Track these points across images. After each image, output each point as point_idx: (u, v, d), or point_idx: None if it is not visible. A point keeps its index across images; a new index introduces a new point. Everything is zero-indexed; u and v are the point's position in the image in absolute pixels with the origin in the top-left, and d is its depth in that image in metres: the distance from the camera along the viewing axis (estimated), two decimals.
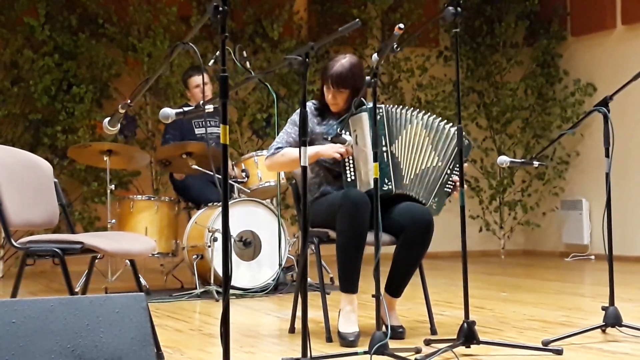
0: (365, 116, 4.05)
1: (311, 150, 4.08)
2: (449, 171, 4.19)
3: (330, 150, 4.08)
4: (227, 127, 2.79)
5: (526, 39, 9.96)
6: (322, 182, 4.27)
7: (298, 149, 4.14)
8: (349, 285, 4.02)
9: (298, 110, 4.28)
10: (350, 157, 4.10)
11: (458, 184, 4.11)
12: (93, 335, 2.25)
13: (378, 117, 4.04)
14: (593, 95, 9.28)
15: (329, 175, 4.25)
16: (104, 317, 2.29)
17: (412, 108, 4.26)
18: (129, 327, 2.29)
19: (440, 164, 4.19)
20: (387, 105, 4.16)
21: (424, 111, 4.27)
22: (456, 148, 4.12)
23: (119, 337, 2.27)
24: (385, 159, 4.08)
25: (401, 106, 4.25)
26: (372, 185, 3.99)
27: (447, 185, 4.22)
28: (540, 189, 9.86)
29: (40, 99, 8.17)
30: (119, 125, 3.47)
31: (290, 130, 4.27)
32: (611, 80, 8.11)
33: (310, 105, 4.29)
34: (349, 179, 4.10)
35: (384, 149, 4.08)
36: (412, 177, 4.16)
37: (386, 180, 4.06)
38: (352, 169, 4.10)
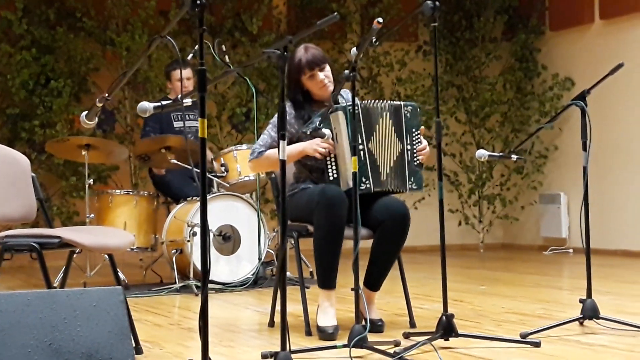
0: (341, 114, 4.04)
1: (296, 148, 4.09)
2: (409, 147, 4.17)
3: (310, 149, 4.07)
4: (206, 120, 2.79)
5: (505, 33, 9.99)
6: (303, 179, 4.26)
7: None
8: (327, 281, 4.03)
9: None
10: (332, 156, 4.09)
11: (422, 147, 4.15)
12: (70, 329, 2.24)
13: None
14: (571, 89, 9.33)
15: (310, 174, 4.24)
16: (81, 310, 2.28)
17: (383, 100, 4.23)
18: (106, 321, 2.29)
19: (400, 145, 4.17)
20: (365, 101, 4.15)
21: (390, 100, 4.24)
22: (407, 122, 4.14)
23: (96, 331, 2.27)
24: (363, 157, 4.06)
25: (375, 100, 4.23)
26: (350, 185, 4.00)
27: (415, 160, 4.19)
28: (518, 183, 9.91)
29: (17, 93, 8.12)
30: (97, 119, 3.45)
31: (272, 133, 4.24)
32: (589, 75, 8.14)
33: (289, 107, 4.25)
34: (330, 178, 4.09)
35: (361, 146, 4.07)
36: (387, 172, 4.15)
37: (364, 179, 4.04)
38: (334, 168, 4.09)
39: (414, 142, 4.18)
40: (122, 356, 2.27)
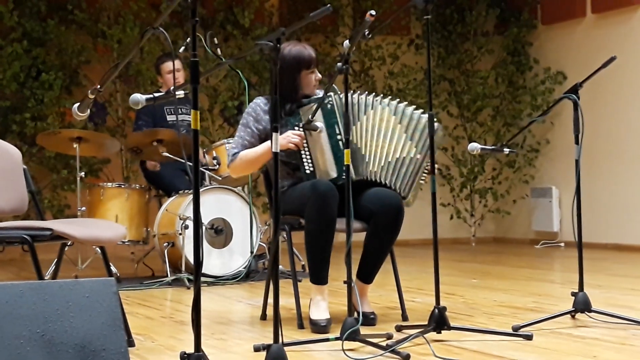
0: (315, 106, 4.03)
1: (267, 144, 4.06)
2: (426, 164, 4.19)
3: (283, 141, 4.03)
4: (198, 112, 2.78)
5: (497, 27, 10.00)
6: (283, 176, 4.23)
7: (253, 149, 4.14)
8: (319, 277, 4.02)
9: (247, 110, 4.25)
10: (306, 149, 4.07)
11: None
12: (63, 320, 2.23)
13: (329, 106, 4.05)
14: (563, 83, 9.34)
15: (286, 169, 4.22)
16: (74, 302, 2.27)
17: (374, 94, 4.23)
18: (99, 312, 2.28)
19: (418, 156, 4.18)
20: (340, 93, 4.10)
21: (390, 97, 4.25)
22: (426, 131, 4.14)
23: (89, 322, 2.26)
24: (341, 147, 4.05)
25: (359, 92, 4.22)
26: (331, 175, 4.02)
27: (423, 176, 4.23)
28: (510, 176, 9.92)
29: (9, 85, 8.10)
30: (89, 111, 3.44)
31: (243, 133, 4.20)
32: (581, 69, 8.15)
33: (262, 101, 4.23)
34: (307, 171, 4.08)
35: (338, 137, 4.06)
36: (383, 164, 4.15)
37: (344, 169, 4.02)
38: (309, 160, 4.08)
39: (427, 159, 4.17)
40: (115, 347, 2.26)
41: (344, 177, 3.97)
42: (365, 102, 4.16)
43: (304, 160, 4.08)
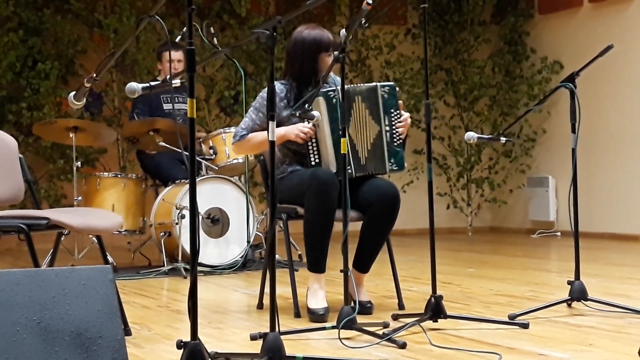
0: (321, 100, 4.02)
1: (278, 132, 4.06)
2: (387, 128, 4.16)
3: (292, 134, 4.06)
4: (194, 101, 2.78)
5: (494, 16, 9.99)
6: (289, 162, 4.24)
7: (261, 133, 4.15)
8: (316, 265, 4.02)
9: (262, 94, 4.26)
10: (314, 140, 4.08)
11: (402, 120, 4.13)
12: (59, 308, 2.23)
13: (334, 100, 4.04)
14: (560, 73, 9.33)
15: (294, 157, 4.23)
16: (70, 289, 2.27)
17: (358, 84, 4.20)
18: (95, 299, 2.28)
19: (377, 127, 4.16)
20: (336, 87, 4.07)
21: (364, 84, 4.23)
22: (384, 102, 4.13)
23: (85, 309, 2.26)
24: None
25: (352, 84, 4.21)
26: (332, 170, 4.01)
27: (395, 141, 4.17)
28: (507, 166, 9.92)
29: (4, 75, 8.08)
30: (85, 100, 3.44)
31: (254, 116, 4.23)
32: (578, 58, 8.14)
33: (278, 86, 4.23)
34: (312, 162, 4.09)
35: (340, 133, 4.06)
36: (367, 155, 4.15)
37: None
38: (315, 152, 4.09)
39: (393, 122, 4.16)
40: (112, 334, 2.26)
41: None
42: (350, 96, 4.13)
43: (311, 151, 4.09)
